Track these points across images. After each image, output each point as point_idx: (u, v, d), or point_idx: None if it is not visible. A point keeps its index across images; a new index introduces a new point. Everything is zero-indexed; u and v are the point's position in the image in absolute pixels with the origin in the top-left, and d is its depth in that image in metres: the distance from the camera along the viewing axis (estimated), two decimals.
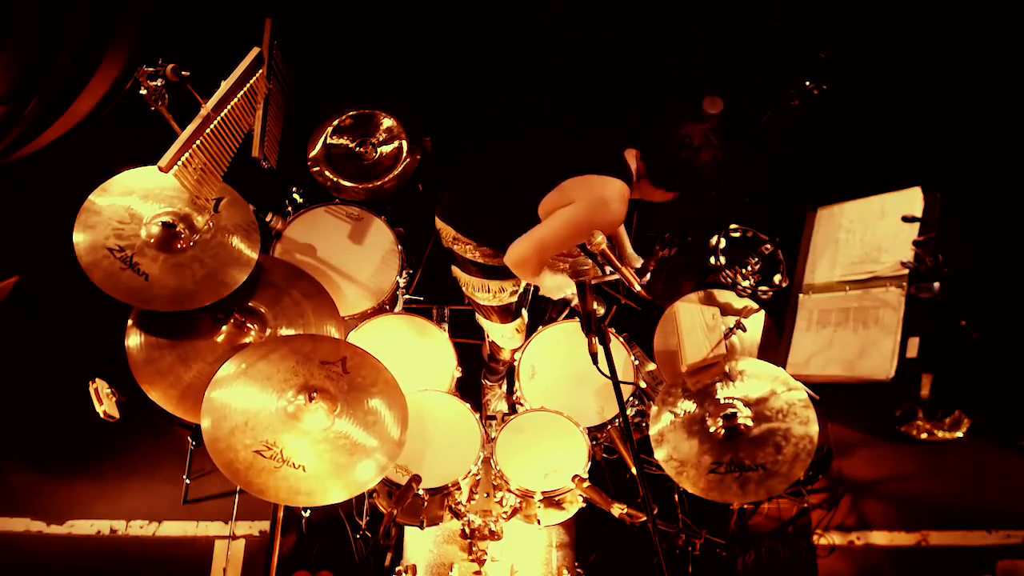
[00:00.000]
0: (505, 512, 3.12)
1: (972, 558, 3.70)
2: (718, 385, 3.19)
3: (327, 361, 2.92)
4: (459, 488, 3.14)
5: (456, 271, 3.30)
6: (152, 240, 3.04)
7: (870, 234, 3.32)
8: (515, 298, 3.38)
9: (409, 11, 4.22)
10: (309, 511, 3.71)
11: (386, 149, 3.98)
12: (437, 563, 3.15)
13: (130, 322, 3.09)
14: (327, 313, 3.31)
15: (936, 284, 3.04)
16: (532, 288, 3.64)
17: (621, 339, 3.56)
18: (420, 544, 3.20)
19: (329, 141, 3.96)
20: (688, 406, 3.18)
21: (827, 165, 4.15)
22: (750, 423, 3.08)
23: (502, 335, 3.58)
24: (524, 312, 3.59)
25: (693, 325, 3.44)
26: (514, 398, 3.55)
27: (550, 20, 4.20)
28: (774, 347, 3.54)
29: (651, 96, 4.31)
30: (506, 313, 3.44)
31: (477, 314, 3.59)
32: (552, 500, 3.18)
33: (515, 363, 3.55)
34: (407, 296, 3.95)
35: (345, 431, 2.80)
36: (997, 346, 3.83)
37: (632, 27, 4.23)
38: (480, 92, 4.38)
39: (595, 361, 2.38)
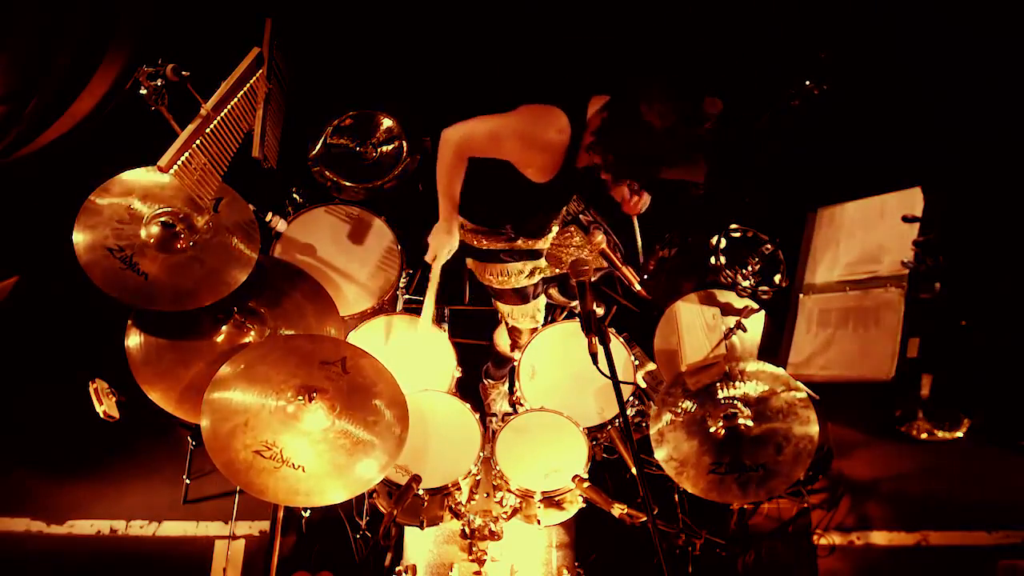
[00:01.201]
0: (505, 512, 3.12)
1: (972, 558, 3.70)
2: (718, 385, 3.19)
3: (327, 361, 2.92)
4: (459, 488, 3.14)
5: (470, 262, 3.31)
6: (152, 240, 3.04)
7: (870, 234, 3.33)
8: (532, 280, 3.37)
9: (409, 11, 4.22)
10: (309, 511, 3.71)
11: (386, 149, 3.98)
12: (437, 563, 3.15)
13: (130, 322, 3.09)
14: (327, 313, 3.31)
15: (936, 284, 3.04)
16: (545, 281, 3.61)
17: (621, 339, 3.56)
18: (420, 544, 3.20)
19: (329, 141, 3.96)
20: (688, 406, 3.18)
21: (827, 165, 4.15)
22: (750, 423, 3.08)
23: (523, 314, 3.54)
24: (542, 298, 3.58)
25: (693, 325, 3.44)
26: (514, 398, 3.55)
27: (549, 21, 4.20)
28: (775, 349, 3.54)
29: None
30: (520, 297, 3.44)
31: (493, 299, 3.57)
32: (552, 500, 3.18)
33: (515, 363, 3.55)
34: (407, 296, 3.95)
35: (345, 431, 2.80)
36: (997, 346, 3.84)
37: (632, 27, 4.23)
38: (480, 91, 4.38)
39: (595, 361, 2.38)
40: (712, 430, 3.09)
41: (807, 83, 3.55)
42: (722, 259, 3.79)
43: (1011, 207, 4.01)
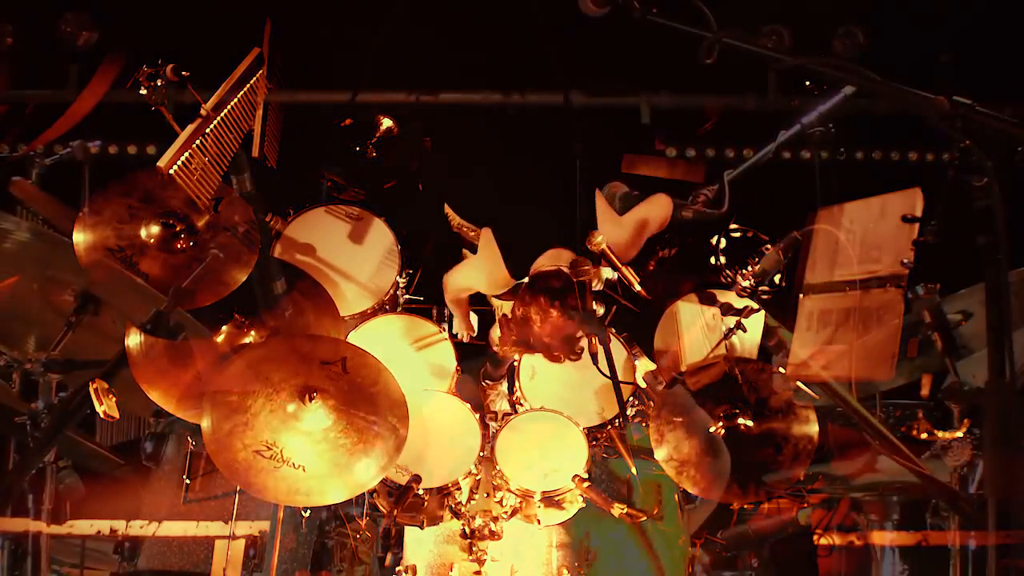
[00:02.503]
0: (505, 512, 3.12)
1: (973, 558, 3.70)
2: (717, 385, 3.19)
3: (327, 361, 2.92)
4: (459, 488, 3.14)
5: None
6: (152, 240, 3.04)
7: (870, 234, 3.32)
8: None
9: (409, 11, 4.22)
10: (309, 511, 3.71)
11: (386, 148, 3.97)
12: (437, 563, 3.14)
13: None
14: (327, 313, 3.31)
15: (936, 284, 3.04)
16: None
17: (621, 339, 3.55)
18: (420, 544, 3.20)
19: (328, 141, 3.95)
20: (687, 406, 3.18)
21: (828, 165, 4.14)
22: (750, 423, 3.07)
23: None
24: None
25: (693, 325, 3.44)
26: (514, 398, 3.55)
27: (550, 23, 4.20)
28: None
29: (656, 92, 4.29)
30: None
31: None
32: (552, 500, 3.18)
33: (515, 363, 3.55)
34: (407, 296, 3.95)
35: (345, 431, 2.80)
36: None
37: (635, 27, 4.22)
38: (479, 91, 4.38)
39: (595, 361, 2.39)
40: (712, 430, 3.09)
41: (807, 83, 3.55)
42: (722, 259, 3.78)
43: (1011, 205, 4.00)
